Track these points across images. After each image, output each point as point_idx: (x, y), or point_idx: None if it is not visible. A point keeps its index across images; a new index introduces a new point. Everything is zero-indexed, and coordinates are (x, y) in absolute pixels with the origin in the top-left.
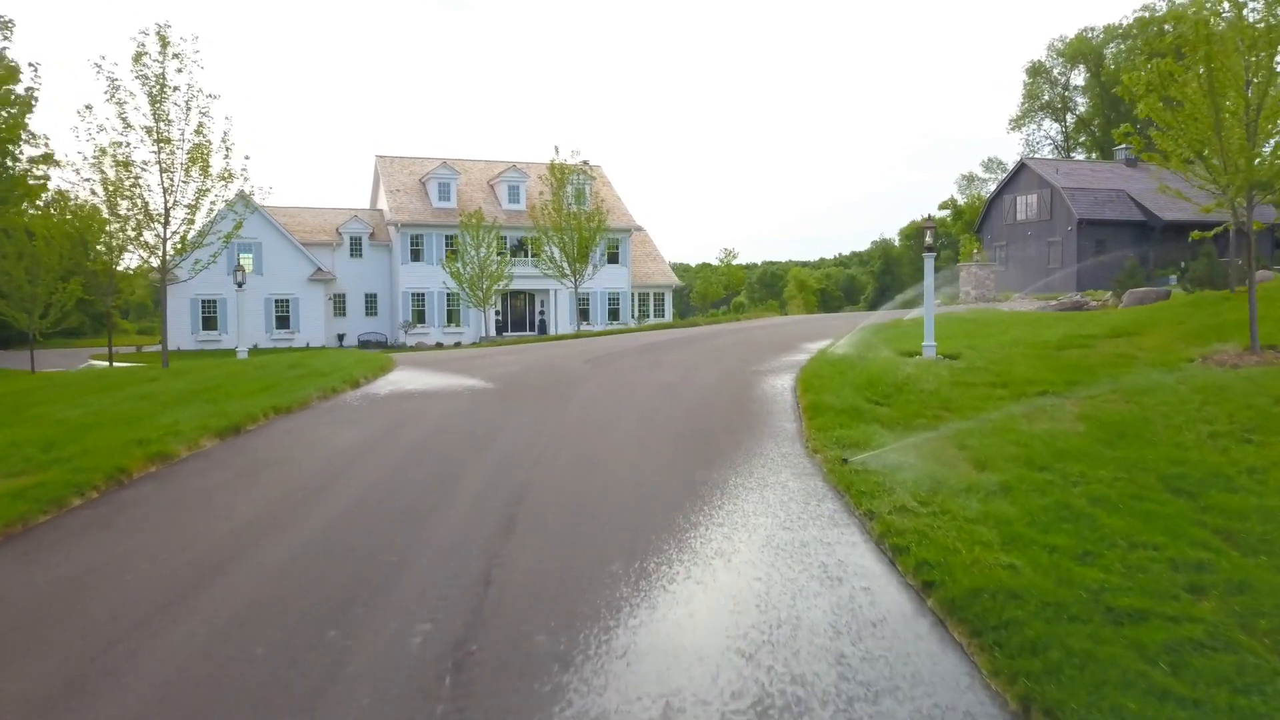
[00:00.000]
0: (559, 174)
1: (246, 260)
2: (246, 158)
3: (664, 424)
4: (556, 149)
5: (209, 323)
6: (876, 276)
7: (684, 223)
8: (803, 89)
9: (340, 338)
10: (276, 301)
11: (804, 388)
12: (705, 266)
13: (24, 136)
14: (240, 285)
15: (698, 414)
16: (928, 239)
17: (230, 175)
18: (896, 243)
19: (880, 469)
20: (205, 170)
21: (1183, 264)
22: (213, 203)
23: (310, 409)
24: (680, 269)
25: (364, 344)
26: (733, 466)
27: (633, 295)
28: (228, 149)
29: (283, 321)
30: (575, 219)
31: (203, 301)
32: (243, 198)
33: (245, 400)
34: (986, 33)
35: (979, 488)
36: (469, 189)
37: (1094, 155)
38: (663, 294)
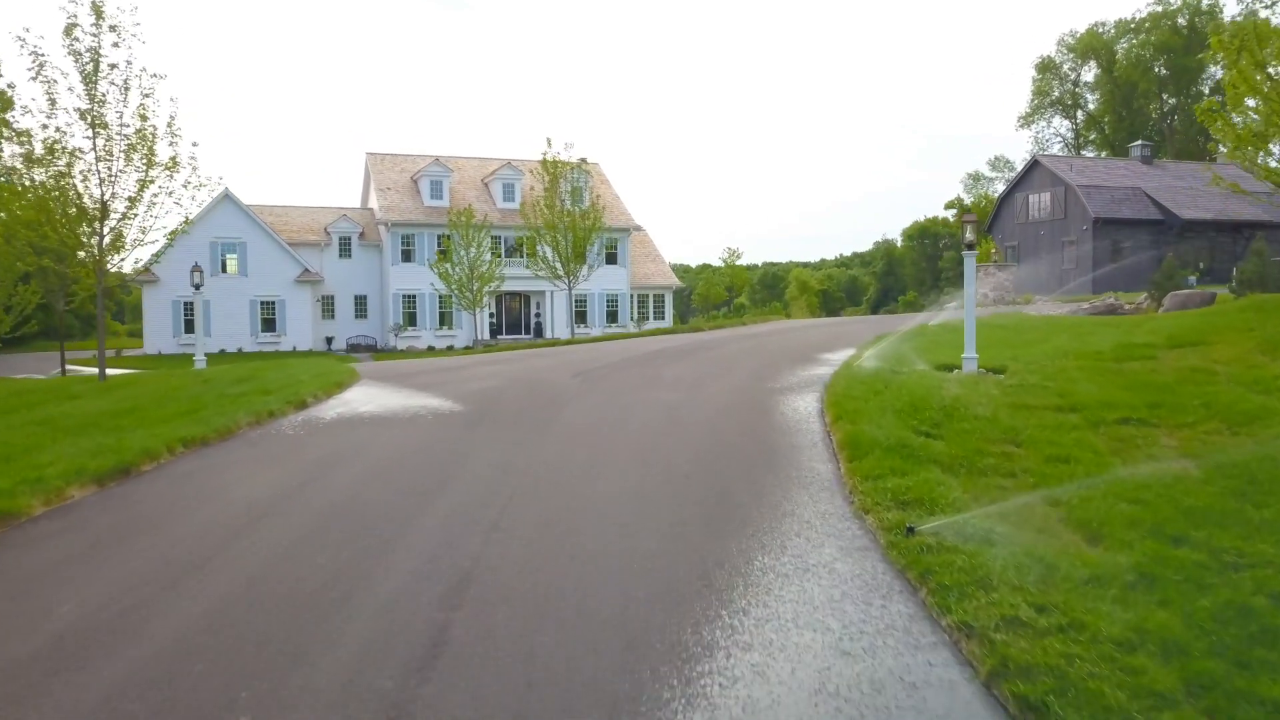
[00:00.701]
0: (552, 170)
1: (232, 260)
2: (195, 144)
3: (665, 465)
4: (549, 142)
5: (190, 325)
6: (879, 277)
7: (685, 223)
8: (803, 88)
9: (329, 341)
10: (262, 304)
11: (835, 413)
12: (706, 267)
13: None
14: (198, 288)
15: (707, 449)
16: (968, 234)
17: (176, 164)
18: (899, 243)
19: (959, 543)
20: (149, 158)
21: (1200, 264)
22: (154, 195)
23: (234, 439)
24: (680, 269)
25: (353, 348)
26: (757, 535)
27: (632, 297)
28: (174, 134)
29: (268, 324)
30: (570, 217)
31: (184, 304)
32: (227, 197)
33: (158, 428)
34: (988, 30)
35: (1107, 577)
36: (462, 187)
37: (1104, 153)
38: (663, 295)
